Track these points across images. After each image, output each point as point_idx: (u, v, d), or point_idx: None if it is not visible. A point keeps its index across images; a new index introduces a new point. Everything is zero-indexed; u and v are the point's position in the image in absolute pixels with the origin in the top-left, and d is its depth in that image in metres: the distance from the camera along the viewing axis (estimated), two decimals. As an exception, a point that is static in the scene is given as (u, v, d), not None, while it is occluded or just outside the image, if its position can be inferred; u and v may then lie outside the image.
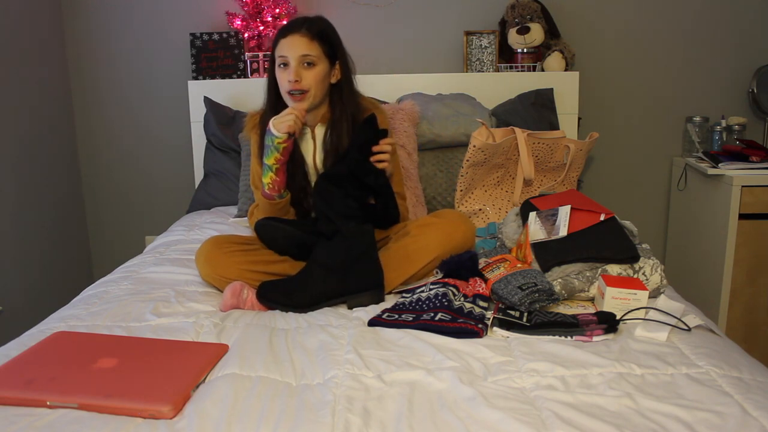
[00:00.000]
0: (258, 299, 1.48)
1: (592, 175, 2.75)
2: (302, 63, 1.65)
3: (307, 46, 1.64)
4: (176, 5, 2.65)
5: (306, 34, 1.64)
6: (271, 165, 1.65)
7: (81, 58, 2.70)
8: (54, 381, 1.06)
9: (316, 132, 1.78)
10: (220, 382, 1.07)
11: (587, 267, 1.47)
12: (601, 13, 2.62)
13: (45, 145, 2.56)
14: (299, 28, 1.65)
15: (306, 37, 1.64)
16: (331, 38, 1.69)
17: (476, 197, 2.10)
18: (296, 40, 1.64)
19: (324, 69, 1.67)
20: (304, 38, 1.64)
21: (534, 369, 1.13)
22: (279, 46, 1.66)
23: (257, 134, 1.77)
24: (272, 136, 1.63)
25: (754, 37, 2.61)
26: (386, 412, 1.00)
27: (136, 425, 0.96)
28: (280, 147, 1.63)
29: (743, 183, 2.20)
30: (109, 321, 1.38)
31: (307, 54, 1.64)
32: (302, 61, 1.65)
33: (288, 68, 1.65)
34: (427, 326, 1.30)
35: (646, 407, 1.00)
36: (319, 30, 1.66)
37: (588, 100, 2.66)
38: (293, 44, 1.64)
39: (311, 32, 1.65)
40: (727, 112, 2.65)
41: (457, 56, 2.66)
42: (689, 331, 1.28)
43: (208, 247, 1.58)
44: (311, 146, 1.78)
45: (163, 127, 2.76)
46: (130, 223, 2.85)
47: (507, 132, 2.06)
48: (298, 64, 1.64)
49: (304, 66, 1.65)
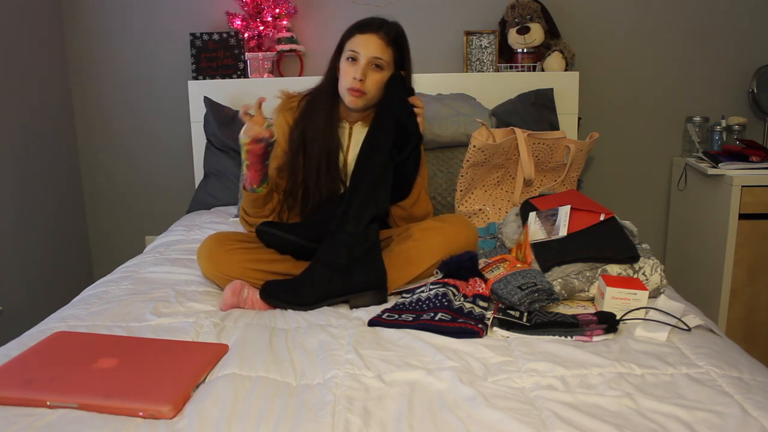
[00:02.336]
0: (262, 298, 1.48)
1: (592, 175, 2.75)
2: (371, 64, 1.65)
3: (381, 49, 1.64)
4: (176, 5, 2.65)
5: (383, 37, 1.64)
6: (243, 160, 1.63)
7: (81, 58, 2.70)
8: (54, 381, 1.06)
9: (354, 129, 1.78)
10: (220, 382, 1.07)
11: (587, 267, 1.47)
12: (601, 13, 2.62)
13: (45, 145, 2.56)
14: (378, 28, 1.65)
15: (383, 40, 1.64)
16: (402, 47, 1.69)
17: (476, 197, 2.10)
18: (372, 40, 1.64)
19: (388, 75, 1.67)
20: (380, 41, 1.64)
21: (534, 369, 1.13)
22: (353, 40, 1.65)
23: (290, 117, 1.76)
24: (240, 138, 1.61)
25: (754, 37, 2.61)
26: (386, 412, 1.00)
27: (136, 425, 0.96)
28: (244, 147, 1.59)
29: (743, 183, 2.20)
30: (109, 321, 1.38)
31: (380, 57, 1.64)
32: (372, 62, 1.65)
33: (356, 64, 1.65)
34: (427, 326, 1.30)
35: (646, 407, 1.00)
36: (395, 36, 1.67)
37: (588, 100, 2.66)
38: (368, 43, 1.63)
39: (388, 36, 1.65)
40: (727, 112, 2.65)
41: (457, 56, 2.66)
42: (689, 331, 1.28)
43: (210, 244, 1.58)
44: (345, 142, 1.78)
45: (163, 127, 2.76)
46: (130, 223, 2.85)
47: (507, 132, 2.06)
48: (367, 63, 1.64)
49: (372, 67, 1.65)
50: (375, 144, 1.61)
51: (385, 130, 1.62)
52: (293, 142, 1.74)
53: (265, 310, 1.48)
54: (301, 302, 1.46)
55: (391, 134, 1.61)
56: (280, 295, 1.47)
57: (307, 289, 1.47)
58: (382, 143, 1.60)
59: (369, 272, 1.50)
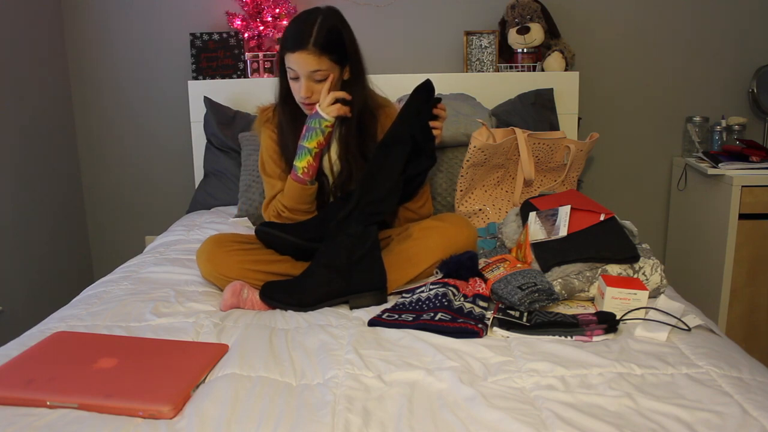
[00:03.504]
0: (261, 299, 1.48)
1: (592, 175, 2.75)
2: (312, 78, 1.63)
3: (315, 62, 1.59)
4: (176, 5, 2.65)
5: (313, 51, 1.58)
6: (312, 149, 1.64)
7: (81, 58, 2.70)
8: (54, 381, 1.06)
9: None
10: (220, 382, 1.07)
11: (587, 267, 1.47)
12: (601, 13, 2.62)
13: (45, 145, 2.56)
14: (305, 43, 1.57)
15: (313, 54, 1.58)
16: (339, 44, 1.62)
17: (476, 197, 2.10)
18: (303, 58, 1.59)
19: (335, 76, 1.65)
20: (311, 55, 1.58)
21: (534, 369, 1.13)
22: (288, 58, 1.62)
23: (270, 129, 1.77)
24: (320, 119, 1.62)
25: (754, 37, 2.61)
26: (386, 412, 1.00)
27: (136, 425, 0.96)
28: (326, 131, 1.63)
29: (743, 183, 2.20)
30: (109, 321, 1.38)
31: (317, 70, 1.60)
32: (312, 77, 1.62)
33: (298, 82, 1.64)
34: (427, 326, 1.30)
35: (646, 407, 1.00)
36: (326, 41, 1.59)
37: (588, 100, 2.66)
38: (300, 61, 1.59)
39: (317, 46, 1.58)
40: (727, 112, 2.65)
41: (457, 56, 2.66)
42: (689, 331, 1.28)
43: (209, 246, 1.58)
44: None
45: (163, 127, 2.76)
46: (130, 223, 2.85)
47: (507, 132, 2.06)
48: (308, 79, 1.62)
49: (314, 81, 1.63)
50: (387, 160, 1.58)
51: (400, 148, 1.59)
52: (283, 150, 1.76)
53: (265, 310, 1.48)
54: (301, 303, 1.46)
55: (405, 152, 1.59)
56: (279, 297, 1.47)
57: (306, 291, 1.47)
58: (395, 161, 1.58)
59: (369, 274, 1.50)
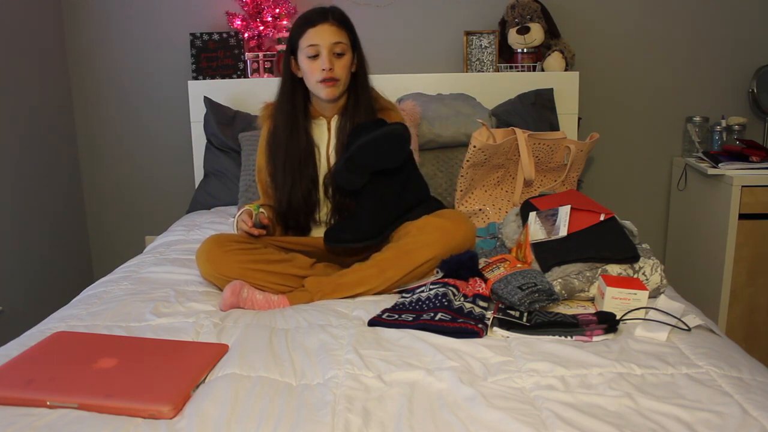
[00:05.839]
0: (327, 243, 1.58)
1: (592, 175, 2.75)
2: (333, 52, 1.66)
3: (337, 34, 1.66)
4: (176, 5, 2.65)
5: (334, 23, 1.66)
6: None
7: (81, 57, 2.70)
8: (54, 381, 1.06)
9: (332, 123, 1.79)
10: (220, 382, 1.07)
11: (587, 267, 1.47)
12: (601, 13, 2.62)
13: (45, 145, 2.56)
14: (326, 17, 1.66)
15: (335, 25, 1.66)
16: (351, 28, 1.72)
17: (476, 197, 2.10)
18: (326, 29, 1.65)
19: (350, 58, 1.70)
20: (333, 27, 1.65)
21: (534, 369, 1.13)
22: (307, 36, 1.65)
23: (268, 127, 1.80)
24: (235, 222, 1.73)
25: (754, 37, 2.61)
26: (386, 412, 1.00)
27: (136, 425, 0.96)
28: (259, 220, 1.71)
29: (743, 183, 2.20)
30: (109, 321, 1.38)
31: (339, 42, 1.66)
32: (333, 50, 1.66)
33: (320, 57, 1.66)
34: (427, 326, 1.30)
35: (646, 407, 1.00)
36: (342, 18, 1.69)
37: (588, 100, 2.66)
38: (324, 33, 1.64)
39: (338, 20, 1.67)
40: (727, 112, 2.65)
41: (457, 56, 2.66)
42: (689, 331, 1.28)
43: (209, 246, 1.58)
44: (326, 137, 1.78)
45: (163, 127, 2.76)
46: (130, 223, 2.85)
47: (507, 132, 2.06)
48: (329, 52, 1.65)
49: (334, 55, 1.66)
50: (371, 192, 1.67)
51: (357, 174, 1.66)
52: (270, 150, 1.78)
53: (265, 310, 1.48)
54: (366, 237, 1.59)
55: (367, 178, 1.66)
56: (345, 239, 1.57)
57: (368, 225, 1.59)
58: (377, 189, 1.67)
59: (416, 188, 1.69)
